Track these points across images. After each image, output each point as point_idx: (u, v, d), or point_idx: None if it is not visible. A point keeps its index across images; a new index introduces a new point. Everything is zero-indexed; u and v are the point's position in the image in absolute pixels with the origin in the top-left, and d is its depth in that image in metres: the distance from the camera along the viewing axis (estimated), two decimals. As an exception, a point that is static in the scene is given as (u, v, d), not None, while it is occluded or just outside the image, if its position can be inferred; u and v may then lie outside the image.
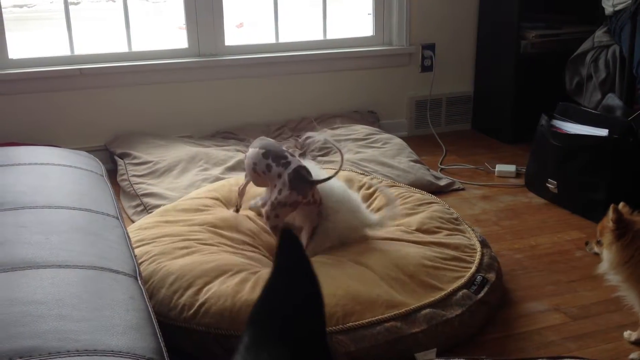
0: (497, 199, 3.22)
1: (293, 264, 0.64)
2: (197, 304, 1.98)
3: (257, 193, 2.55)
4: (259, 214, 2.48)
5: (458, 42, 4.15)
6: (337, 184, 2.36)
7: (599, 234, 2.08)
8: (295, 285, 0.64)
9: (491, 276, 2.25)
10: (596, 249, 2.10)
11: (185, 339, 1.96)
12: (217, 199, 2.65)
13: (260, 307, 0.64)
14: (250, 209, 2.54)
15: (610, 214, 1.99)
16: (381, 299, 2.03)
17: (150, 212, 2.73)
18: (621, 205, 2.04)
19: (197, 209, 2.55)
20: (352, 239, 2.34)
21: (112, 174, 3.17)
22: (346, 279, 2.09)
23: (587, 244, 2.19)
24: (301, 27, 4.42)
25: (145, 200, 3.00)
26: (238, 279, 2.07)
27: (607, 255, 2.02)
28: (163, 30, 4.68)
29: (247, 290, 2.00)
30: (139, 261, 2.05)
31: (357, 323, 1.95)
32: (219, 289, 2.01)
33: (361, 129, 3.72)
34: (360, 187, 2.84)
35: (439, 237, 2.41)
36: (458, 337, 2.06)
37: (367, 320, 1.96)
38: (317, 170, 2.35)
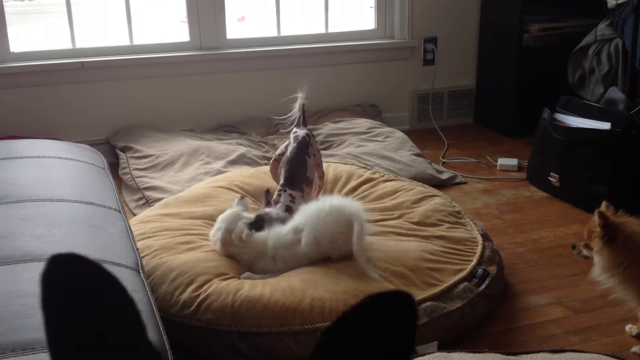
0: (499, 193, 3.22)
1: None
2: (198, 300, 1.98)
3: None
4: None
5: (460, 36, 4.14)
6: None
7: (587, 237, 2.02)
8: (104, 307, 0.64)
9: (492, 269, 2.25)
10: (585, 252, 2.05)
11: (186, 335, 1.95)
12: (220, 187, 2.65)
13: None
14: None
15: (597, 219, 1.94)
16: (382, 293, 2.02)
17: (152, 206, 2.73)
18: (604, 206, 1.98)
19: (198, 200, 2.54)
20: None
21: (114, 167, 3.17)
22: (345, 275, 2.08)
23: (574, 247, 2.11)
24: (303, 21, 4.41)
25: (147, 193, 2.99)
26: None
27: (599, 261, 1.98)
28: (165, 23, 4.66)
29: (248, 287, 1.99)
30: (141, 255, 2.05)
31: (358, 317, 1.94)
32: (220, 286, 2.00)
33: (363, 123, 3.72)
34: (361, 182, 2.84)
35: (441, 230, 2.41)
36: (459, 330, 2.06)
37: (368, 314, 1.95)
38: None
